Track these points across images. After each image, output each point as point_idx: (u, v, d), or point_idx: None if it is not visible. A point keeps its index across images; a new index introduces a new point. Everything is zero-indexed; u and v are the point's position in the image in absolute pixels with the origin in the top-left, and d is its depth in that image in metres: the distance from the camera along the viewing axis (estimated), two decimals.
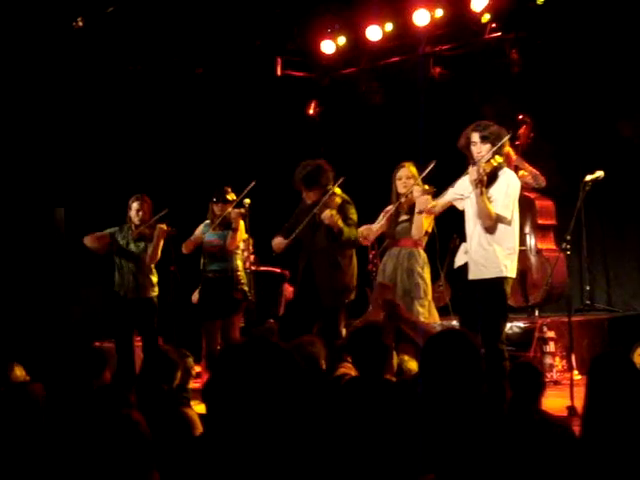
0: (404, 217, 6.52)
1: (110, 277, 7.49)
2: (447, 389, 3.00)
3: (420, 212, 6.14)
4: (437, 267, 6.66)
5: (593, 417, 3.12)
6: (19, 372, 4.64)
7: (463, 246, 5.94)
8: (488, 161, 5.59)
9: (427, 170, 6.36)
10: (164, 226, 7.21)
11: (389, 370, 3.86)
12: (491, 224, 5.56)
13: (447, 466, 2.78)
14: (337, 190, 6.62)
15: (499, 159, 5.62)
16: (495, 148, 5.62)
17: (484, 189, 5.49)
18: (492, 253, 5.58)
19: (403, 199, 6.46)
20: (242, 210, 7.05)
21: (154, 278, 7.37)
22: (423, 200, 5.98)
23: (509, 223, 5.60)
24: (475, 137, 5.70)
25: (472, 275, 5.67)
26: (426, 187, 6.31)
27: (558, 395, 6.27)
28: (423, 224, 6.32)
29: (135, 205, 7.34)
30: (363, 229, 6.57)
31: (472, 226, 5.71)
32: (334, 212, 6.41)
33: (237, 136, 10.18)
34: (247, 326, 7.41)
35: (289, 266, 8.41)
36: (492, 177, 5.62)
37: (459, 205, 5.85)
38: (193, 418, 3.89)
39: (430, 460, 2.82)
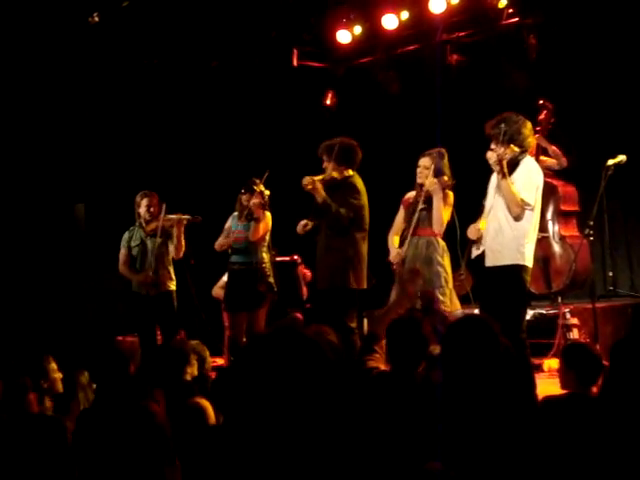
0: (422, 206, 6.47)
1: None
2: (467, 375, 2.97)
3: (473, 242, 5.94)
4: (457, 256, 6.62)
5: (611, 402, 3.08)
6: (54, 365, 4.68)
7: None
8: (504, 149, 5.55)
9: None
10: (187, 215, 7.19)
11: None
12: (519, 212, 5.50)
13: (463, 454, 2.75)
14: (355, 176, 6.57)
15: (515, 149, 5.57)
16: (508, 141, 5.57)
17: (506, 171, 5.44)
18: (509, 240, 5.54)
19: (420, 190, 6.43)
20: (260, 200, 7.03)
21: (172, 272, 7.38)
22: (474, 231, 5.82)
23: (531, 210, 5.55)
24: (492, 144, 5.68)
25: (489, 262, 5.63)
26: (445, 178, 6.29)
27: None
28: (443, 217, 6.28)
29: (145, 202, 7.35)
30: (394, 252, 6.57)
31: (491, 215, 5.66)
32: (316, 179, 6.36)
33: (254, 128, 10.16)
34: (270, 318, 7.40)
35: (299, 250, 8.46)
36: (513, 164, 5.58)
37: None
38: (205, 408, 3.87)
39: (441, 447, 2.80)
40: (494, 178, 5.76)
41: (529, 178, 5.57)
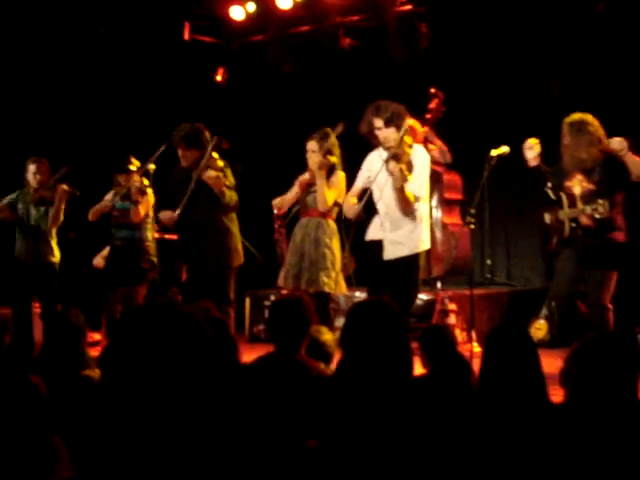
0: (313, 188, 6.47)
1: (9, 242, 7.30)
2: (369, 359, 2.99)
3: (350, 218, 6.08)
4: (343, 238, 6.66)
5: (486, 387, 3.15)
6: None
7: (377, 219, 5.91)
8: (400, 145, 5.58)
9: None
10: (65, 187, 7.06)
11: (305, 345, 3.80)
12: (412, 208, 5.61)
13: (353, 434, 2.77)
14: (215, 154, 6.53)
15: (409, 140, 5.65)
16: (402, 131, 5.64)
17: (405, 185, 5.52)
18: (408, 232, 5.64)
19: (309, 173, 6.41)
20: (139, 185, 6.90)
21: (54, 244, 7.24)
22: (352, 209, 5.88)
23: (425, 200, 5.69)
24: (379, 123, 5.68)
25: (388, 254, 5.69)
26: (330, 158, 6.28)
27: None
28: (327, 197, 6.28)
29: (32, 168, 7.17)
30: (277, 201, 6.54)
31: (384, 206, 5.71)
32: (219, 174, 6.35)
33: (142, 100, 9.93)
34: (150, 296, 7.27)
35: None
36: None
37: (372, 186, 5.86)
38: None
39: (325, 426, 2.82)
40: (373, 159, 5.81)
41: (420, 173, 5.69)
